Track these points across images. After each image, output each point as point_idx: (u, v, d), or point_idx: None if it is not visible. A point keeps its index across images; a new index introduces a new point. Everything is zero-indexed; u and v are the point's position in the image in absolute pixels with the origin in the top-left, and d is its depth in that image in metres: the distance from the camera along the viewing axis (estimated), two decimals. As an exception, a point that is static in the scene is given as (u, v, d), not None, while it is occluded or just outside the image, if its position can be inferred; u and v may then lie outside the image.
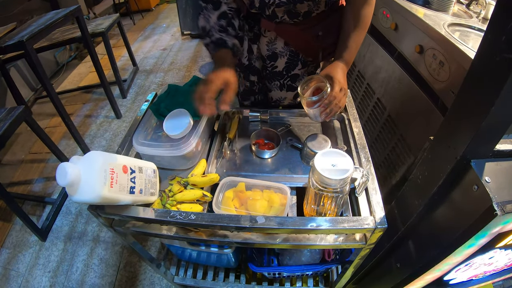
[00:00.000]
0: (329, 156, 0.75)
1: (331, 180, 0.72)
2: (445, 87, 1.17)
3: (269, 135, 1.05)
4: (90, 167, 0.69)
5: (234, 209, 0.84)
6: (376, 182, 0.85)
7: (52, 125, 2.86)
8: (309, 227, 0.74)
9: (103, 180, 0.69)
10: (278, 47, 1.13)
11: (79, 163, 0.69)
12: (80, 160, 0.71)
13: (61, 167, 0.66)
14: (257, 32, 1.12)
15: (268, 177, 0.95)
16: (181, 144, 0.90)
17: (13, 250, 1.88)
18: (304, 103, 0.93)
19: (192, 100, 1.02)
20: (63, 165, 0.66)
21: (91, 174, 0.68)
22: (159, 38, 4.44)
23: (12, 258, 1.84)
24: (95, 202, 0.71)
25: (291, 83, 1.23)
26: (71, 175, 0.65)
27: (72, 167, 0.66)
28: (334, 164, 0.74)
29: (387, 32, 1.57)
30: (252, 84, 1.26)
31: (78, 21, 2.32)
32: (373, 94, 1.66)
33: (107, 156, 0.73)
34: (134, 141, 0.95)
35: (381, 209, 0.79)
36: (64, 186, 0.67)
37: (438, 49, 1.20)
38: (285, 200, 0.85)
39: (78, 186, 0.68)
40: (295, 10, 0.99)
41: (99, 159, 0.71)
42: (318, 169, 0.72)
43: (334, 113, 0.92)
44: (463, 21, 1.38)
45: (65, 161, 0.68)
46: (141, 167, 0.83)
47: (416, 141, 1.34)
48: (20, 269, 1.79)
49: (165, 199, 0.84)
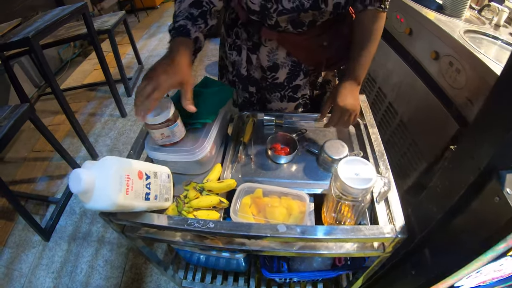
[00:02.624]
0: (352, 165, 0.74)
1: (354, 189, 0.70)
2: (461, 94, 1.15)
3: (285, 140, 1.03)
4: (105, 173, 0.67)
5: (252, 216, 0.82)
6: (396, 190, 0.84)
7: (55, 122, 2.83)
8: (331, 236, 0.72)
9: (118, 187, 0.67)
10: (279, 58, 1.07)
11: (93, 169, 0.67)
12: (94, 166, 0.68)
13: (75, 173, 0.63)
14: (256, 41, 1.06)
15: (284, 183, 0.93)
16: (196, 149, 0.88)
17: (16, 250, 1.86)
18: None
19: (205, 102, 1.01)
20: (77, 171, 0.63)
21: (106, 181, 0.66)
22: (164, 37, 4.40)
23: (15, 258, 1.82)
24: (110, 210, 0.69)
25: (292, 94, 1.17)
26: (85, 182, 0.63)
27: (87, 174, 0.64)
28: (357, 173, 0.72)
29: (400, 36, 1.55)
30: (251, 95, 1.21)
31: (85, 18, 2.29)
32: (385, 98, 1.65)
33: (122, 162, 0.71)
34: (147, 146, 0.93)
35: (401, 217, 0.79)
36: (77, 193, 0.64)
37: (455, 56, 1.18)
38: (304, 208, 0.83)
39: (92, 194, 0.65)
40: (299, 20, 0.94)
41: (115, 164, 0.69)
42: (342, 177, 0.71)
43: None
44: (477, 28, 1.36)
45: (69, 160, 0.66)
46: (156, 172, 0.82)
47: (428, 147, 1.33)
48: (23, 269, 1.76)
49: (181, 206, 0.82)
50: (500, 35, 1.34)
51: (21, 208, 1.67)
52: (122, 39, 4.17)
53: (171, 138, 0.88)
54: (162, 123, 0.82)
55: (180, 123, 0.88)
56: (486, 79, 1.04)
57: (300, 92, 1.16)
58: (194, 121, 0.94)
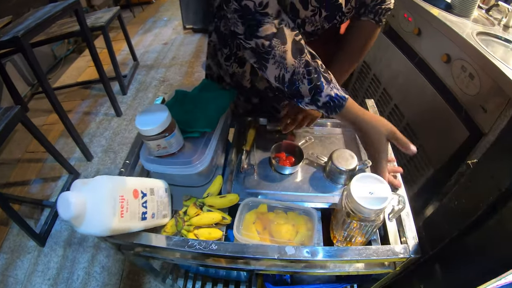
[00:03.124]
0: (366, 182, 0.69)
1: (368, 210, 0.66)
2: (474, 101, 1.10)
3: (290, 149, 0.98)
4: (97, 196, 0.61)
5: (257, 233, 0.77)
6: (409, 206, 0.79)
7: (49, 122, 2.76)
8: (342, 258, 0.68)
9: (112, 210, 0.62)
10: None
11: (84, 191, 0.61)
12: (84, 187, 0.63)
13: (63, 197, 0.57)
14: None
15: (289, 195, 0.88)
16: (195, 161, 0.82)
17: (11, 255, 1.81)
18: None
19: (205, 108, 0.95)
20: (66, 195, 0.58)
21: (98, 204, 0.61)
22: (160, 32, 4.32)
23: (10, 264, 1.77)
24: (104, 234, 0.63)
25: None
26: (75, 207, 0.57)
27: (76, 197, 0.58)
28: (371, 192, 0.67)
29: (408, 36, 1.50)
30: (254, 106, 1.14)
31: (77, 15, 2.22)
32: (390, 100, 1.59)
33: (115, 181, 0.66)
34: (142, 157, 0.86)
35: (414, 237, 0.75)
36: (67, 220, 0.59)
37: (468, 60, 1.13)
38: (311, 224, 0.78)
39: (83, 218, 0.60)
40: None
41: (107, 185, 0.63)
42: (355, 197, 0.66)
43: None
44: (488, 30, 1.31)
45: (63, 163, 0.60)
46: (152, 188, 0.76)
47: (436, 154, 1.28)
48: (18, 275, 1.72)
49: (181, 225, 0.77)
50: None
51: (14, 214, 1.62)
52: (117, 34, 4.08)
53: (168, 149, 0.82)
54: (158, 134, 0.76)
55: (177, 132, 0.82)
56: (502, 87, 0.99)
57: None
58: (192, 130, 0.88)
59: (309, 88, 0.71)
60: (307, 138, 1.03)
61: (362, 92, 1.91)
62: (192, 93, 1.02)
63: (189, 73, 3.36)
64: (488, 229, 0.69)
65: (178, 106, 0.96)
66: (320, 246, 0.77)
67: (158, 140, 0.78)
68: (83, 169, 2.29)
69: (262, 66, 0.72)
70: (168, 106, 0.96)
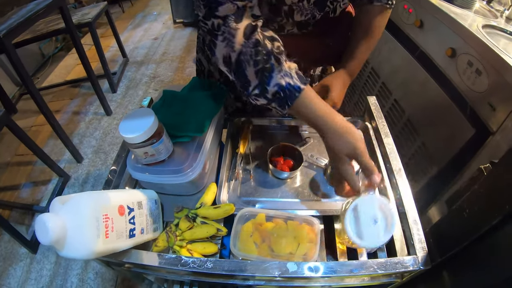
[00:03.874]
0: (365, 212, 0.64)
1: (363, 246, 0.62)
2: (481, 98, 1.05)
3: (287, 151, 0.92)
4: (78, 217, 0.55)
5: (255, 247, 0.72)
6: (417, 214, 0.74)
7: (38, 123, 2.68)
8: (349, 274, 0.63)
9: (95, 231, 0.56)
10: None
11: (63, 212, 0.56)
12: (64, 207, 0.57)
13: (41, 221, 0.52)
14: None
15: (289, 202, 0.83)
16: (187, 169, 0.76)
17: (3, 263, 1.75)
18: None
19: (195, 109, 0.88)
20: (43, 219, 0.52)
21: (79, 226, 0.55)
22: (150, 27, 4.22)
23: (3, 272, 1.71)
24: (89, 258, 0.57)
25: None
26: (54, 232, 0.52)
27: (54, 221, 0.53)
28: (376, 220, 0.63)
29: (409, 29, 1.43)
30: (244, 104, 1.09)
31: (62, 12, 2.13)
32: (390, 95, 1.54)
33: (98, 199, 0.60)
34: (129, 165, 0.80)
35: (424, 247, 0.70)
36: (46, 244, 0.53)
37: (475, 55, 1.07)
38: (313, 235, 0.72)
39: (64, 242, 0.54)
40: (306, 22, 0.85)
41: (89, 205, 0.57)
42: (350, 236, 0.62)
43: None
44: (493, 22, 1.25)
45: (52, 166, 0.54)
46: (140, 201, 0.70)
47: (440, 152, 1.23)
48: (11, 284, 1.66)
49: (173, 240, 0.71)
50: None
51: (4, 222, 1.56)
52: (106, 31, 3.97)
53: (156, 157, 0.75)
54: (144, 141, 0.70)
55: (166, 138, 0.75)
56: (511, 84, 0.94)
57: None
58: (182, 134, 0.82)
59: (255, 70, 0.63)
60: (306, 139, 0.98)
61: (359, 86, 1.85)
62: (181, 93, 0.95)
63: (180, 69, 3.28)
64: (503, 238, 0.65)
65: (166, 108, 0.90)
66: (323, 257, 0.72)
67: (145, 147, 0.71)
68: (74, 171, 2.22)
69: (212, 44, 0.64)
70: (155, 109, 0.91)
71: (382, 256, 0.75)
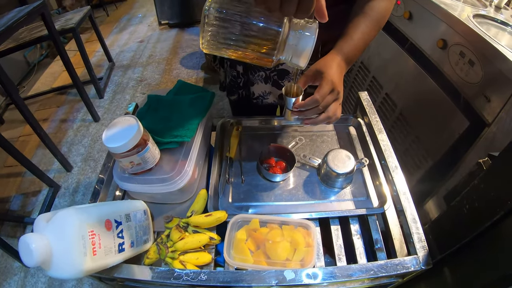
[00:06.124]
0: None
1: None
2: (475, 89, 1.03)
3: (279, 153, 0.89)
4: (63, 236, 0.52)
5: (250, 254, 0.69)
6: (416, 212, 0.72)
7: (26, 133, 2.61)
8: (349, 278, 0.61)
9: (81, 249, 0.53)
10: None
11: (47, 230, 0.53)
12: (48, 225, 0.54)
13: (24, 242, 0.49)
14: None
15: (283, 206, 0.81)
16: (175, 177, 0.73)
17: (-2, 278, 1.71)
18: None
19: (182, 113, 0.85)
20: (26, 240, 0.49)
21: (65, 245, 0.52)
22: (135, 30, 4.16)
23: (-2, 287, 1.67)
24: (77, 277, 0.54)
25: (278, 79, 1.02)
26: (37, 253, 0.49)
27: (38, 242, 0.50)
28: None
29: (398, 21, 1.41)
30: (237, 76, 1.07)
31: (44, 18, 2.08)
32: (381, 89, 1.52)
33: (82, 215, 0.56)
34: (116, 175, 0.76)
35: (424, 246, 0.68)
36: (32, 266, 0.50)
37: (467, 46, 1.05)
38: (310, 239, 0.70)
39: (50, 262, 0.51)
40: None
41: (73, 222, 0.54)
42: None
43: (320, 122, 0.71)
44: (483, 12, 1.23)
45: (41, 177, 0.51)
46: (128, 214, 0.67)
47: (434, 144, 1.21)
48: (6, 299, 1.62)
49: (164, 252, 0.68)
50: (507, 20, 1.21)
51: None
52: (91, 35, 3.90)
53: (143, 166, 0.72)
54: (129, 151, 0.67)
55: (152, 145, 0.72)
56: (506, 74, 0.92)
57: (289, 80, 1.00)
58: (169, 140, 0.79)
59: None
60: (297, 139, 0.95)
61: (349, 82, 1.83)
62: (167, 97, 0.92)
63: (167, 71, 3.23)
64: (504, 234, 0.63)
65: (152, 114, 0.87)
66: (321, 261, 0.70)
67: (130, 156, 0.69)
68: (63, 180, 2.17)
69: None
70: (140, 115, 0.88)
71: (382, 256, 0.72)
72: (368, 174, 0.87)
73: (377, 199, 0.81)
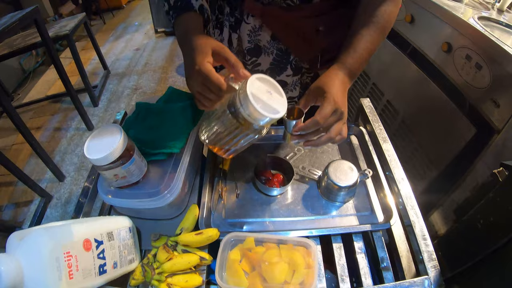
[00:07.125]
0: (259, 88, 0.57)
1: None
2: (483, 94, 0.98)
3: (276, 165, 0.84)
4: (35, 258, 0.47)
5: (245, 277, 0.63)
6: (425, 227, 0.66)
7: (19, 141, 2.57)
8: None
9: (56, 273, 0.47)
10: (262, 40, 0.83)
11: (19, 251, 0.48)
12: (20, 244, 0.49)
13: None
14: (238, 16, 0.82)
15: (280, 222, 0.75)
16: (164, 191, 0.67)
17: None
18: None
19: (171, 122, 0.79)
20: None
21: (38, 269, 0.47)
22: (131, 38, 4.14)
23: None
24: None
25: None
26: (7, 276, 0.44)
27: (7, 263, 0.45)
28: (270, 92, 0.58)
29: (399, 24, 1.37)
30: None
31: (37, 25, 2.04)
32: (382, 96, 1.47)
33: (57, 235, 0.51)
34: (100, 189, 0.71)
35: (435, 266, 0.63)
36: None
37: (473, 49, 1.00)
38: (310, 259, 0.64)
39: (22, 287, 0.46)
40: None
41: (47, 243, 0.48)
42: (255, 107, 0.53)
43: (322, 144, 0.65)
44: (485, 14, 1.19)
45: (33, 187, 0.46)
46: (110, 231, 0.61)
47: (439, 153, 1.16)
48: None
49: (150, 275, 0.62)
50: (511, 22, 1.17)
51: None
52: (87, 43, 3.88)
53: (128, 179, 0.67)
54: (112, 163, 0.61)
55: (137, 157, 0.67)
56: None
57: (287, 92, 0.92)
58: (156, 151, 0.73)
59: None
60: (296, 150, 0.90)
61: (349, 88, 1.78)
62: (156, 105, 0.86)
63: (163, 79, 3.21)
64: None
65: (140, 123, 0.81)
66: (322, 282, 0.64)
67: (114, 169, 0.63)
68: (56, 190, 2.12)
69: None
70: (128, 124, 0.82)
71: (388, 277, 0.67)
72: (372, 186, 0.81)
73: (382, 214, 0.75)
